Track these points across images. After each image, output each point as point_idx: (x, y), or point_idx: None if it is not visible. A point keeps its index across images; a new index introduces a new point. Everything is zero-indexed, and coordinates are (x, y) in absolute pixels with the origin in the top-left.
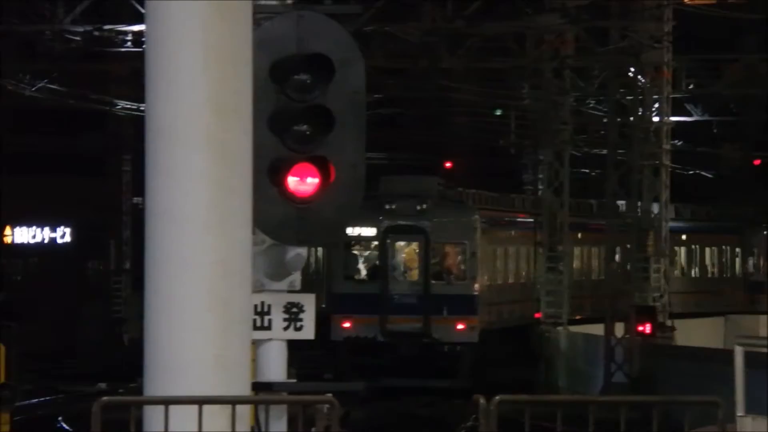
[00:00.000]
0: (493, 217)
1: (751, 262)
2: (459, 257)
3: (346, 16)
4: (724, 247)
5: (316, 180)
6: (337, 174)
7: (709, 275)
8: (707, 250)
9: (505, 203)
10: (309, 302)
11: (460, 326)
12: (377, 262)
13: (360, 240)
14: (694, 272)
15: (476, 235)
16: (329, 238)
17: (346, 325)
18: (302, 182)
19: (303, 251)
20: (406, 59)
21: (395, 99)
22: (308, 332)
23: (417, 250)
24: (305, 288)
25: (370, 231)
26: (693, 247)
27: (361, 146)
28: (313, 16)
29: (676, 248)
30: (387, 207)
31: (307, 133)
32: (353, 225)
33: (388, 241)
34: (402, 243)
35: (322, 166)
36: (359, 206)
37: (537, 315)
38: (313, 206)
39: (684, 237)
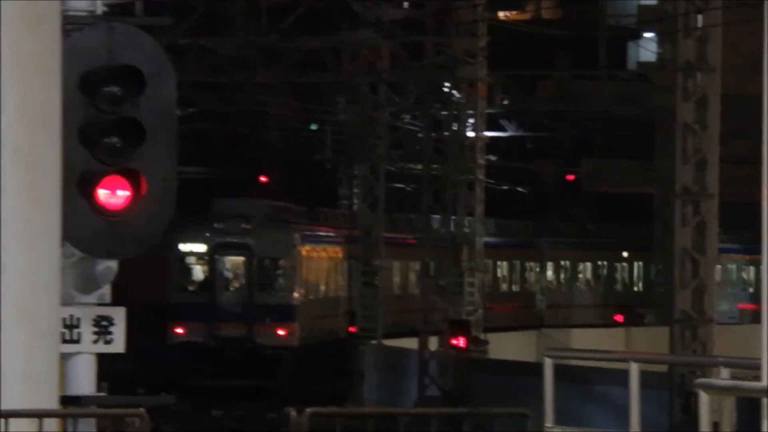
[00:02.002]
0: (317, 233)
1: None
2: (280, 270)
3: (159, 28)
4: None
5: (127, 193)
6: (148, 187)
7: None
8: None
9: (332, 219)
10: (119, 316)
11: (281, 332)
12: (208, 275)
13: (193, 255)
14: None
15: (296, 250)
16: (140, 250)
17: (180, 331)
18: (113, 195)
19: (113, 264)
20: (221, 73)
21: (209, 113)
22: (118, 346)
23: (243, 264)
24: None
25: (201, 247)
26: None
27: (172, 159)
28: (124, 27)
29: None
30: (216, 226)
31: (118, 145)
32: (187, 241)
33: (217, 256)
34: (229, 258)
35: (132, 178)
36: (170, 219)
37: (351, 329)
38: (123, 219)
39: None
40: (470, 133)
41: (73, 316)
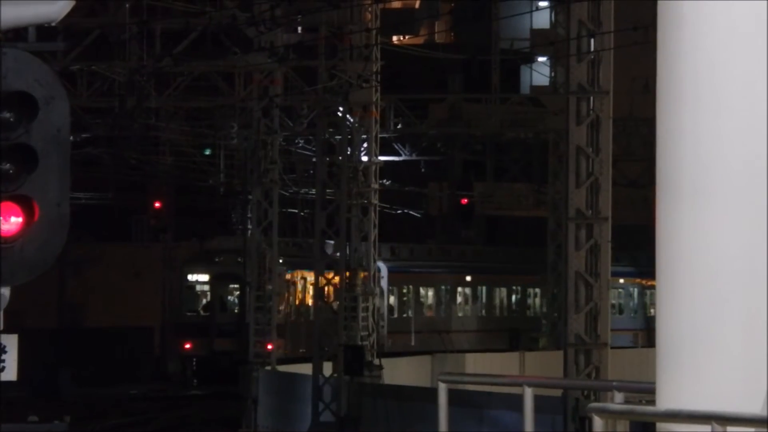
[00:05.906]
0: (298, 261)
1: None
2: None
3: (52, 53)
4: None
5: (20, 219)
6: (41, 213)
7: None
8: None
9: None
10: (12, 343)
11: (269, 347)
12: (209, 300)
13: (197, 284)
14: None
15: (279, 279)
16: (32, 276)
17: (187, 346)
18: (5, 221)
19: (5, 291)
20: (113, 98)
21: (102, 138)
22: (10, 373)
23: (237, 292)
24: None
25: (204, 277)
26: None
27: (65, 185)
28: (16, 53)
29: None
30: (216, 260)
31: (10, 171)
32: (193, 273)
33: (216, 284)
34: (226, 286)
35: (25, 204)
36: (64, 244)
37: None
38: (16, 245)
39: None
40: (364, 157)
41: None
